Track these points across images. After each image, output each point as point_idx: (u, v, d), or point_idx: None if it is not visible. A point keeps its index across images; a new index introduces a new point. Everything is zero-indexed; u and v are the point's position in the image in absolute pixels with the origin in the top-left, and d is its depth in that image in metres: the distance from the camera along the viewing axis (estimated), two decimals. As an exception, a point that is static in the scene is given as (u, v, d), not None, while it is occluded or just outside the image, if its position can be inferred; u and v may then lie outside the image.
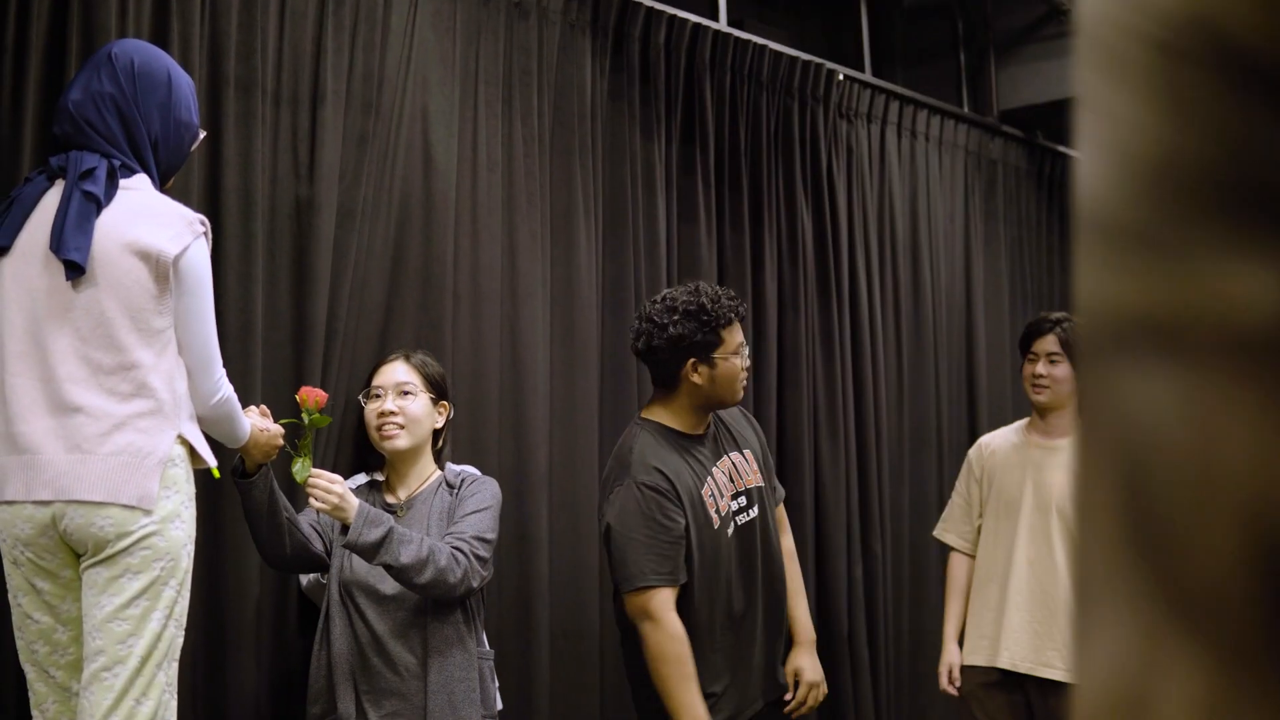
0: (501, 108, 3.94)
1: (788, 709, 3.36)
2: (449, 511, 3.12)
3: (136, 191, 2.51)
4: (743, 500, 3.28)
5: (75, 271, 2.41)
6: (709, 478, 3.20)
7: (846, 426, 4.84)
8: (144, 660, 2.39)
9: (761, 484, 3.34)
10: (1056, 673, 3.76)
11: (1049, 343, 3.86)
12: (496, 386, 3.82)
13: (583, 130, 4.14)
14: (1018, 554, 3.85)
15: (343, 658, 3.02)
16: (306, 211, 3.43)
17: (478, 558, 3.01)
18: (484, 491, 3.15)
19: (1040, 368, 3.87)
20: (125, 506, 2.40)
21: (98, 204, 2.44)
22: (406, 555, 2.89)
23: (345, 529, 2.89)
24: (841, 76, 5.04)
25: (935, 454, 5.33)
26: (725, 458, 3.27)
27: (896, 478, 5.15)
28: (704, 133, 4.51)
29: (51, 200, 2.48)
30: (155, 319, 2.47)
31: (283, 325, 3.39)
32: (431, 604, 3.02)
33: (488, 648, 3.15)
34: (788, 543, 3.55)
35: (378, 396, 3.21)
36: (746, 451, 3.35)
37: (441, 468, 3.27)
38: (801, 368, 4.72)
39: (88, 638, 2.40)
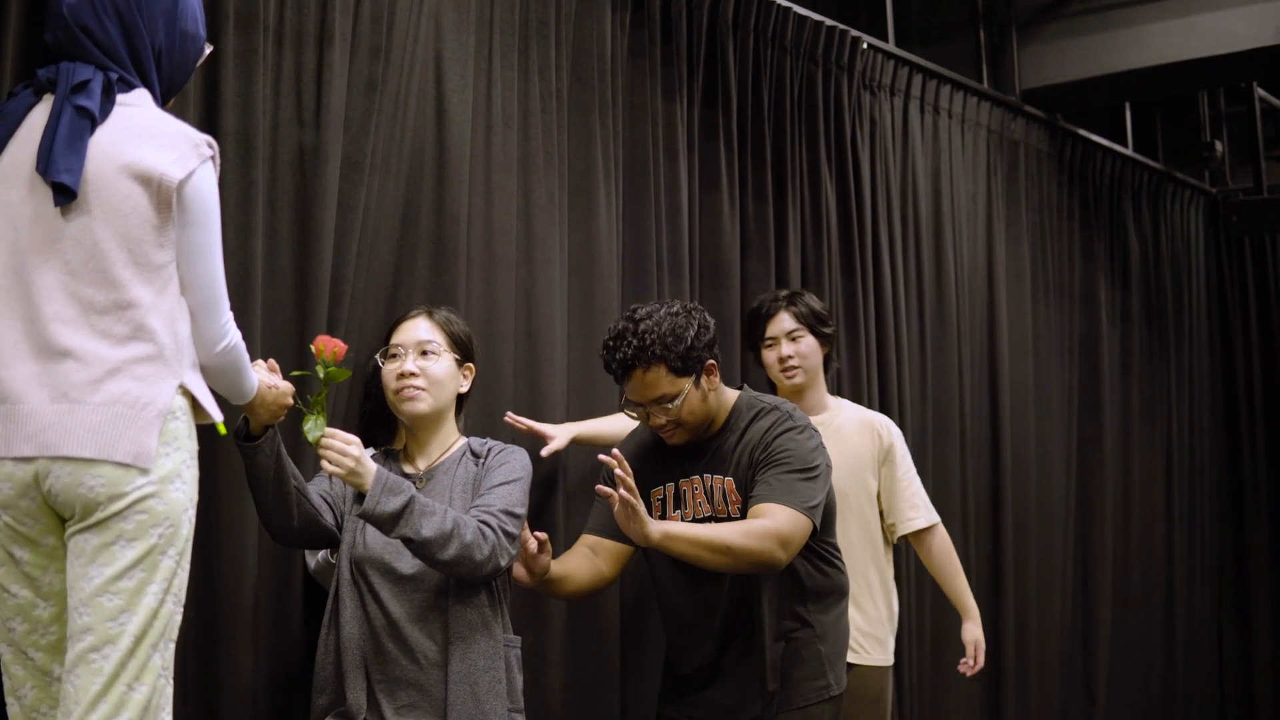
0: (517, 59, 3.67)
1: None
2: (474, 483, 2.82)
3: (136, 108, 2.21)
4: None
5: (65, 196, 2.12)
6: (672, 484, 3.13)
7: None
8: (138, 640, 2.10)
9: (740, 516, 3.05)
10: (853, 655, 3.55)
11: (784, 321, 3.69)
12: (511, 358, 3.56)
13: (602, 87, 3.88)
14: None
15: (353, 643, 2.70)
16: (311, 160, 3.16)
17: (506, 534, 2.71)
18: (513, 462, 2.85)
19: (785, 348, 3.67)
20: (119, 464, 2.10)
21: (92, 121, 2.15)
22: (428, 528, 2.59)
23: (360, 497, 2.58)
24: (866, 45, 4.82)
25: (958, 443, 5.09)
26: (713, 477, 3.09)
27: (919, 467, 4.88)
28: (727, 96, 4.26)
29: (39, 117, 2.18)
30: (155, 252, 2.17)
31: (284, 284, 3.11)
32: (454, 585, 2.71)
33: (514, 635, 2.85)
34: (761, 517, 2.98)
35: (396, 356, 2.90)
36: (729, 480, 3.08)
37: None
38: (825, 349, 4.47)
39: (73, 614, 2.10)
